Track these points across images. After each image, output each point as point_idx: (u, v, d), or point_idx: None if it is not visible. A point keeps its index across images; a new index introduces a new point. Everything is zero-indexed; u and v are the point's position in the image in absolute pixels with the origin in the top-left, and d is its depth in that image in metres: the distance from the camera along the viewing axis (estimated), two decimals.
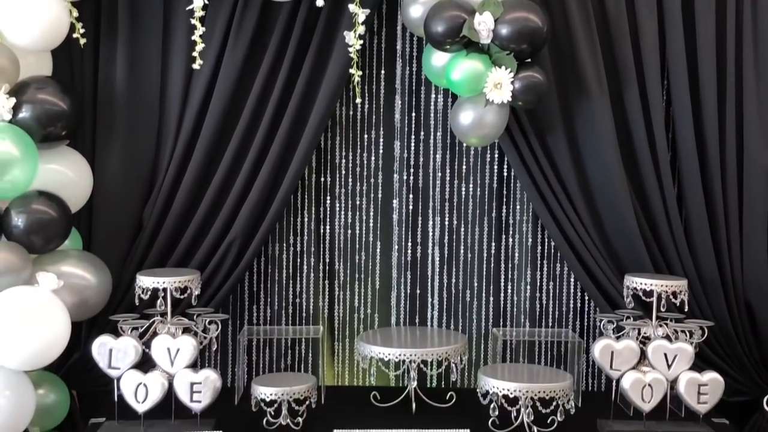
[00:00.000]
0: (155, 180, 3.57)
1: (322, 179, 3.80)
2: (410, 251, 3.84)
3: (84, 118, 3.46)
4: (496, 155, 3.77)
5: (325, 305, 3.87)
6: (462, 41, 3.21)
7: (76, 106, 3.27)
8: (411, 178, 3.81)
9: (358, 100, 3.53)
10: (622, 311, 3.44)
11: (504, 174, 3.78)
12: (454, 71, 3.23)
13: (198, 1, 3.22)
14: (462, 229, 3.83)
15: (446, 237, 3.83)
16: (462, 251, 3.83)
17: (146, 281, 3.21)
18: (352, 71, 3.38)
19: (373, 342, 3.45)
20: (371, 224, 3.84)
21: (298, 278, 3.83)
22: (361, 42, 3.32)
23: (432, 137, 3.79)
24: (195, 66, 3.34)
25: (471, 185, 3.80)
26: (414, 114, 3.78)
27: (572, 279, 3.78)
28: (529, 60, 3.27)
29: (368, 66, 3.73)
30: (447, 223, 3.82)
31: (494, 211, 3.81)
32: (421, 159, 3.81)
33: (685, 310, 3.34)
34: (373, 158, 3.81)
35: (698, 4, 3.47)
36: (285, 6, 3.44)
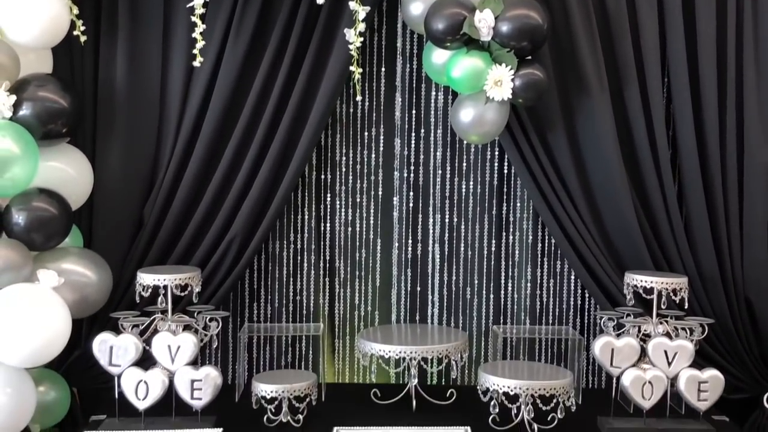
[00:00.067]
0: (156, 177, 3.57)
1: (323, 177, 3.80)
2: (410, 249, 3.84)
3: (84, 116, 3.46)
4: (497, 153, 3.76)
5: (326, 302, 3.87)
6: (462, 38, 3.21)
7: (77, 104, 3.26)
8: (411, 176, 3.81)
9: (359, 98, 3.52)
10: (623, 308, 3.44)
11: (504, 171, 3.78)
12: (455, 68, 3.23)
13: None
14: (462, 227, 3.82)
15: (446, 234, 3.83)
16: (462, 249, 3.83)
17: (147, 279, 3.21)
18: (353, 69, 3.37)
19: (374, 339, 3.45)
20: (371, 222, 3.83)
21: (299, 276, 3.83)
22: (362, 39, 3.31)
23: (432, 135, 3.78)
24: (195, 63, 3.34)
25: (471, 183, 3.80)
26: (414, 111, 3.78)
27: (572, 276, 3.77)
28: (530, 57, 3.26)
29: (368, 63, 3.72)
30: (447, 221, 3.82)
31: (494, 209, 3.81)
32: (422, 156, 3.80)
33: (686, 308, 3.34)
34: (374, 156, 3.80)
35: (699, 1, 3.46)
36: (285, 3, 3.45)
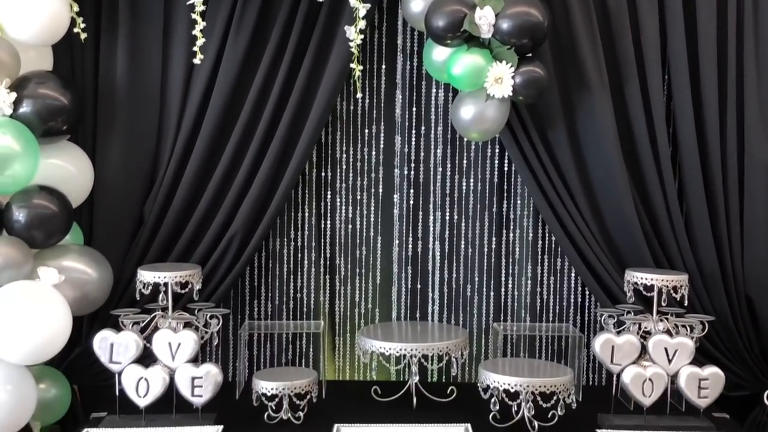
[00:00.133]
0: (156, 175, 3.57)
1: (323, 174, 3.80)
2: (411, 246, 3.84)
3: (85, 113, 3.46)
4: (497, 150, 3.76)
5: (326, 300, 3.87)
6: (463, 36, 3.21)
7: (77, 101, 3.26)
8: (412, 173, 3.81)
9: (359, 95, 3.51)
10: (623, 306, 3.44)
11: (505, 169, 3.77)
12: (455, 66, 3.23)
13: None
14: (463, 224, 3.82)
15: (447, 232, 3.82)
16: (463, 246, 3.83)
17: (147, 276, 3.21)
18: (353, 66, 3.37)
19: (374, 336, 3.45)
20: (372, 219, 3.83)
21: (299, 273, 3.83)
22: (362, 37, 3.31)
23: (433, 132, 3.78)
24: (195, 61, 3.34)
25: (472, 180, 3.79)
26: (415, 109, 3.77)
27: (573, 274, 3.77)
28: (530, 54, 3.26)
29: (369, 61, 3.72)
30: (448, 218, 3.82)
31: (495, 206, 3.80)
32: (422, 154, 3.80)
33: (686, 305, 3.34)
34: (374, 153, 3.80)
35: None
36: (285, 1, 3.44)
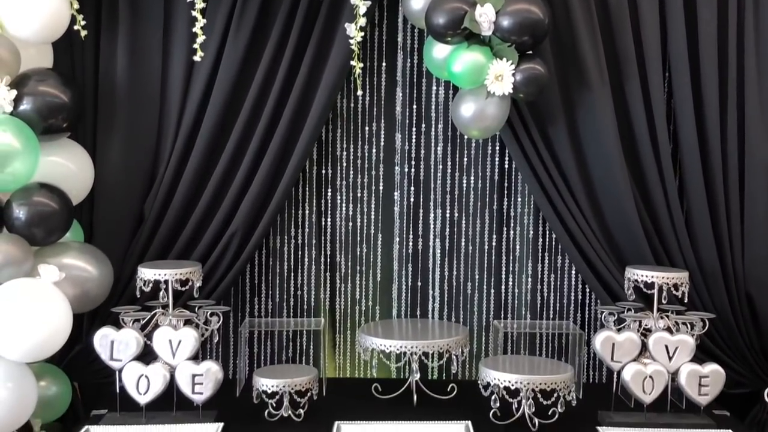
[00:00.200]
0: (156, 172, 3.57)
1: (323, 171, 3.79)
2: (411, 243, 3.84)
3: (85, 111, 3.46)
4: (497, 147, 3.76)
5: (327, 297, 3.87)
6: (463, 33, 3.20)
7: (77, 99, 3.26)
8: (412, 171, 3.80)
9: (359, 92, 3.51)
10: (623, 303, 3.44)
11: (505, 166, 3.77)
12: (455, 63, 3.22)
13: None
14: (463, 222, 3.82)
15: (447, 229, 3.82)
16: (463, 243, 3.83)
17: (148, 273, 3.21)
18: (353, 63, 3.37)
19: (375, 334, 3.44)
20: (372, 217, 3.83)
21: (300, 270, 3.83)
22: (362, 34, 3.30)
23: (433, 129, 3.78)
24: (196, 58, 3.33)
25: (472, 177, 3.79)
26: (415, 106, 3.77)
27: (573, 271, 3.77)
28: (531, 52, 3.26)
29: (369, 58, 3.71)
30: (448, 216, 3.81)
31: (495, 204, 3.80)
32: (422, 151, 3.80)
33: (686, 302, 3.34)
34: (374, 150, 3.80)
35: None
36: None
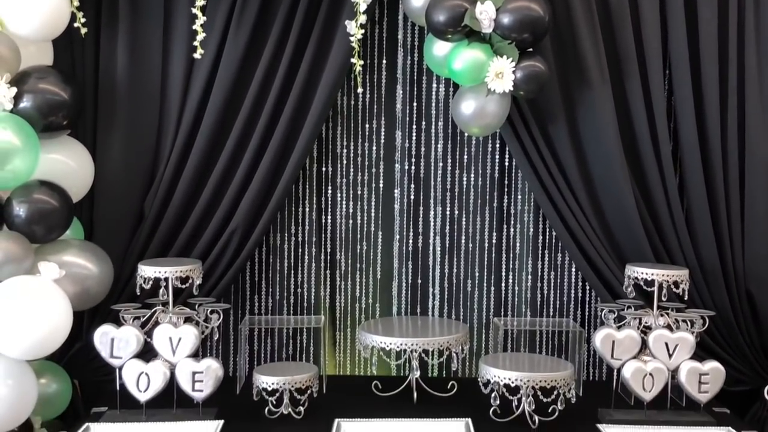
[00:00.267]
0: (156, 170, 3.57)
1: (324, 169, 3.79)
2: (411, 241, 3.84)
3: (85, 108, 3.46)
4: (498, 145, 3.76)
5: (327, 295, 3.87)
6: (463, 31, 3.20)
7: (77, 96, 3.26)
8: (412, 168, 3.80)
9: (360, 90, 3.52)
10: (623, 301, 3.44)
11: (505, 164, 3.77)
12: (456, 61, 3.22)
13: None
14: (463, 219, 3.82)
15: (447, 227, 3.82)
16: (463, 241, 3.83)
17: (148, 271, 3.21)
18: (354, 61, 3.37)
19: (375, 331, 3.45)
20: (372, 214, 3.83)
21: (300, 268, 3.83)
22: (363, 31, 3.31)
23: (433, 127, 3.78)
24: (196, 56, 3.33)
25: (472, 175, 3.79)
26: (415, 104, 3.77)
27: (573, 269, 3.77)
28: (531, 49, 3.26)
29: (369, 55, 3.71)
30: (448, 213, 3.81)
31: (495, 201, 3.80)
32: (423, 149, 3.80)
33: (686, 300, 3.34)
34: (375, 148, 3.80)
35: None
36: None
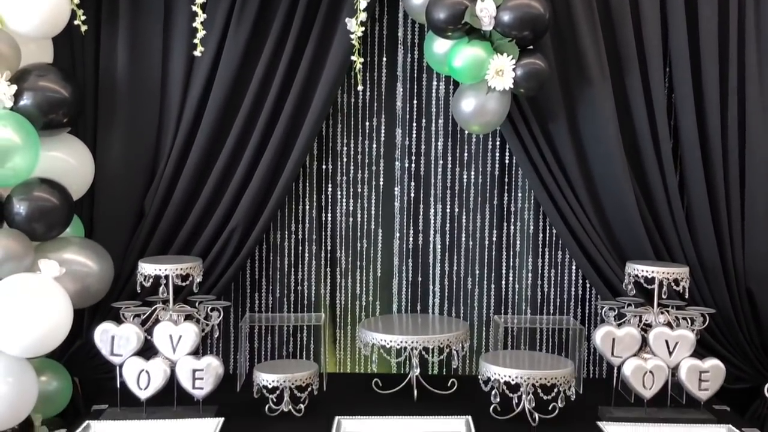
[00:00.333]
0: (157, 167, 3.57)
1: (324, 167, 3.79)
2: (412, 239, 3.84)
3: (85, 106, 3.46)
4: (498, 143, 3.76)
5: (327, 293, 3.87)
6: (464, 28, 3.20)
7: (78, 94, 3.26)
8: (412, 166, 3.80)
9: (360, 88, 3.52)
10: (624, 298, 3.44)
11: (506, 161, 3.77)
12: (456, 58, 3.22)
13: None
14: (463, 217, 3.82)
15: (448, 225, 3.82)
16: (463, 239, 3.83)
17: (148, 269, 3.21)
18: (354, 58, 3.37)
19: (375, 329, 3.45)
20: (373, 212, 3.83)
21: (300, 266, 3.83)
22: (363, 29, 3.31)
23: (433, 125, 3.78)
24: (196, 53, 3.33)
25: (472, 173, 3.79)
26: (415, 101, 3.77)
27: (573, 266, 3.77)
28: (531, 47, 3.26)
29: (369, 53, 3.71)
30: (448, 211, 3.81)
31: (496, 199, 3.80)
32: (423, 146, 3.79)
33: (686, 297, 3.34)
34: (375, 146, 3.80)
35: None
36: None
